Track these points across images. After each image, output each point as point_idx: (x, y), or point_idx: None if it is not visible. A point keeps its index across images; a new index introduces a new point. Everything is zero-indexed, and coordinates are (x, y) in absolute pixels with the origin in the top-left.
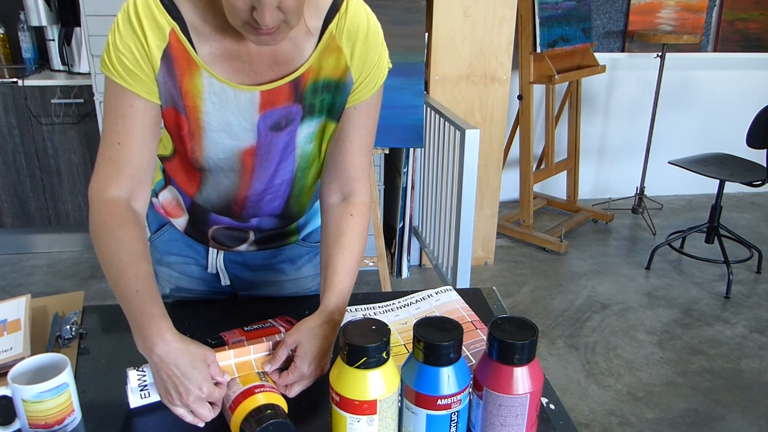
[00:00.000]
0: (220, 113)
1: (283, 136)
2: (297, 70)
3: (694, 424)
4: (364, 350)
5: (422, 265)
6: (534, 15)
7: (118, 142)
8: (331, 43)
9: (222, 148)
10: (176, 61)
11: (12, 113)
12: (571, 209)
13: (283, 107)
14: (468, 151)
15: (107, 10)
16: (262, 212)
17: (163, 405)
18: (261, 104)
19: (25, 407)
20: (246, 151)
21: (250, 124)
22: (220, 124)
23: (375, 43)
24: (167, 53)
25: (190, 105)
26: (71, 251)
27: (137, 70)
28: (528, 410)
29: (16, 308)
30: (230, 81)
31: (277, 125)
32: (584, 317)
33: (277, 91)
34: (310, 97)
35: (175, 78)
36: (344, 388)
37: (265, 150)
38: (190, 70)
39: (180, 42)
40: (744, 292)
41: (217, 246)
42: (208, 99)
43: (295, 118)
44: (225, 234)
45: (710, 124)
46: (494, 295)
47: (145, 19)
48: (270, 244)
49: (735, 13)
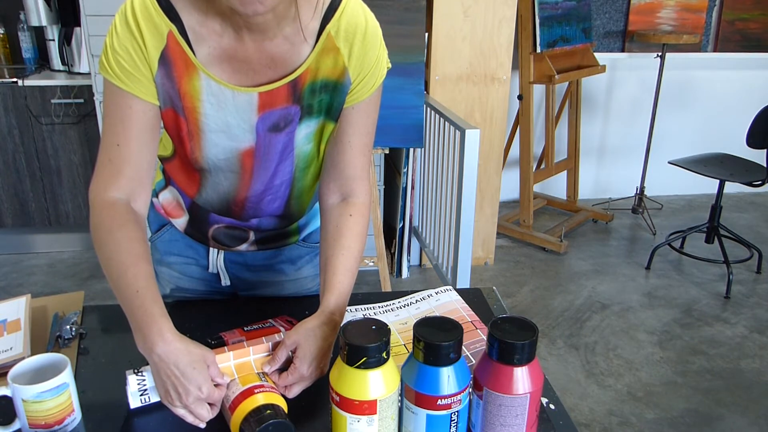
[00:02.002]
0: (219, 114)
1: (282, 137)
2: (295, 71)
3: (694, 424)
4: (364, 350)
5: (422, 265)
6: (534, 15)
7: (117, 143)
8: (328, 44)
9: (221, 149)
10: (174, 62)
11: (12, 113)
12: (571, 209)
13: (281, 108)
14: (468, 151)
15: (107, 10)
16: (262, 213)
17: (162, 405)
18: (259, 105)
19: (25, 407)
20: (245, 152)
21: (249, 125)
22: (218, 125)
23: (373, 43)
24: (165, 55)
25: (188, 106)
26: (71, 251)
27: (135, 72)
28: (528, 410)
29: (16, 308)
30: (228, 82)
31: (275, 126)
32: (584, 317)
33: (275, 92)
34: (308, 98)
35: (173, 79)
36: (344, 388)
37: (264, 151)
38: (188, 71)
39: (178, 44)
40: (744, 292)
41: (218, 246)
42: (206, 100)
43: (293, 119)
44: (225, 233)
45: (710, 124)
46: (494, 295)
47: (143, 21)
48: (270, 245)
49: (735, 13)
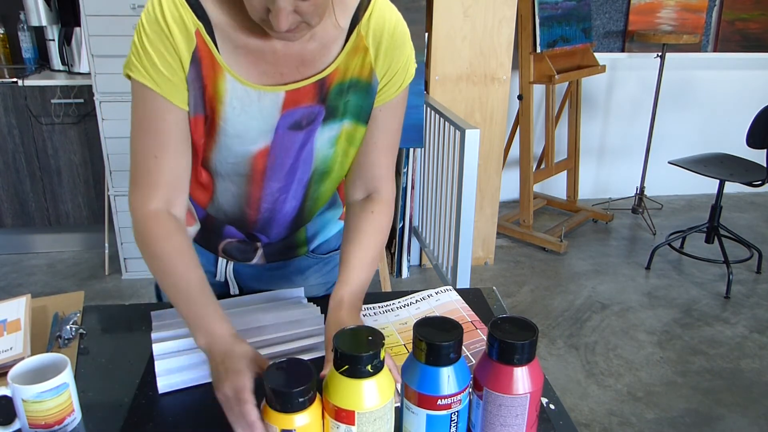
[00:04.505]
0: (240, 118)
1: (301, 135)
2: (324, 70)
3: (694, 424)
4: (349, 358)
5: (422, 265)
6: (534, 15)
7: (155, 155)
8: (358, 43)
9: (232, 153)
10: (203, 63)
11: (12, 113)
12: (571, 209)
13: (305, 107)
14: (468, 151)
15: (107, 10)
16: (277, 214)
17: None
18: (284, 104)
19: (25, 407)
20: (258, 153)
21: (270, 125)
22: (236, 130)
23: (402, 42)
24: (195, 56)
25: (210, 109)
26: (71, 251)
27: (170, 74)
28: (528, 410)
29: (16, 308)
30: (255, 84)
31: (297, 124)
32: (584, 317)
33: (302, 90)
34: (334, 99)
35: (201, 82)
36: (328, 390)
37: (281, 149)
38: (215, 72)
39: (205, 43)
40: (744, 292)
41: (227, 257)
42: (229, 104)
43: (316, 118)
44: (236, 247)
45: (710, 124)
46: (494, 295)
47: (172, 20)
48: (279, 257)
49: (735, 13)
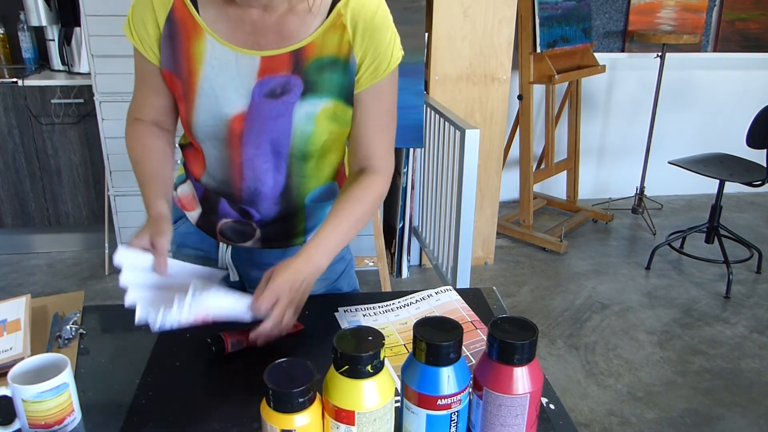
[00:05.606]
0: (218, 78)
1: (278, 104)
2: (300, 42)
3: (694, 424)
4: (349, 358)
5: (422, 265)
6: (534, 15)
7: (141, 92)
8: (337, 21)
9: (210, 115)
10: (181, 24)
11: (12, 113)
12: (571, 209)
13: (281, 75)
14: (468, 151)
15: (107, 10)
16: (262, 186)
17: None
18: (260, 70)
19: (25, 407)
20: (235, 117)
21: (246, 89)
22: (213, 89)
23: (382, 25)
24: (171, 17)
25: (189, 69)
26: (71, 251)
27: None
28: (528, 410)
29: (16, 308)
30: (232, 44)
31: (272, 92)
32: (584, 317)
33: (277, 58)
34: (313, 73)
35: (177, 41)
36: (328, 391)
37: (257, 115)
38: (195, 33)
39: (185, 6)
40: (744, 292)
41: (225, 240)
42: (207, 63)
43: (292, 89)
44: (232, 228)
45: (710, 124)
46: (494, 295)
47: None
48: (276, 243)
49: (735, 13)
